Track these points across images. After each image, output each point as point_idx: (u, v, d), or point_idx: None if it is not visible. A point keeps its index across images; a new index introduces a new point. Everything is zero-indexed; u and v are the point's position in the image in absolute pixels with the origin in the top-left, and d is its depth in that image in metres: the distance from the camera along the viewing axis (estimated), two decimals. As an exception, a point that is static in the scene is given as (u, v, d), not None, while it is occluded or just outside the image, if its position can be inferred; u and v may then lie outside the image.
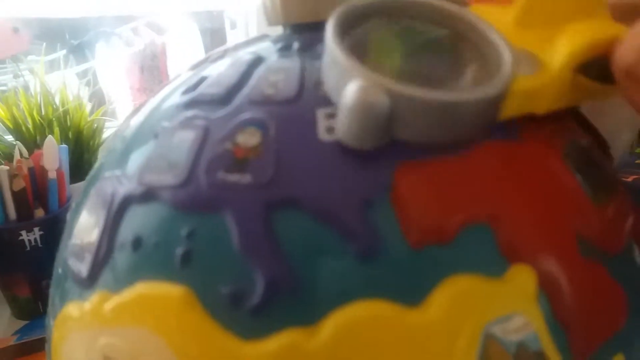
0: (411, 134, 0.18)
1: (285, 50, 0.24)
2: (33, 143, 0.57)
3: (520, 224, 0.18)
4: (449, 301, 0.17)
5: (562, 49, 0.19)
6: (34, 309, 0.54)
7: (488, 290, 0.17)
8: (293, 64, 0.22)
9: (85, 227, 0.22)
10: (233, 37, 0.92)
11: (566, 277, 0.18)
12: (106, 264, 0.20)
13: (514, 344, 0.17)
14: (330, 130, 0.19)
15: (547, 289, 0.18)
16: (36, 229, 0.52)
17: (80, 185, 0.58)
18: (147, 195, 0.20)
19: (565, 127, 0.22)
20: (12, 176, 0.51)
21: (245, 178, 0.19)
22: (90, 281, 0.20)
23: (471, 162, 0.19)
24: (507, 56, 0.18)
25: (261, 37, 0.27)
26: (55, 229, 0.53)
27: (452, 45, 0.20)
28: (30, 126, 0.58)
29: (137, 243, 0.19)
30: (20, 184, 0.52)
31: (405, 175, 0.18)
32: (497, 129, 0.19)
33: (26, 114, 0.58)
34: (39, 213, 0.53)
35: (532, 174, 0.20)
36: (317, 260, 0.17)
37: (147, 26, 0.91)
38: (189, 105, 0.22)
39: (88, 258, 0.21)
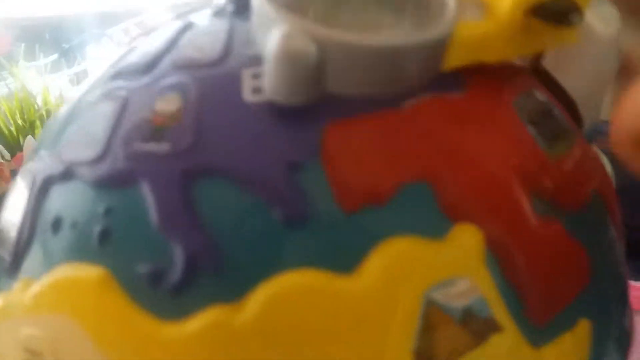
0: (345, 86, 0.17)
1: (217, 14, 0.22)
2: (16, 145, 0.57)
3: (463, 181, 0.17)
4: (384, 266, 0.15)
5: None
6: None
7: (427, 253, 0.16)
8: (222, 26, 0.20)
9: (9, 211, 0.21)
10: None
11: (518, 237, 0.17)
12: (29, 249, 0.19)
13: (459, 310, 0.16)
14: (256, 90, 0.17)
15: (497, 251, 0.16)
16: (20, 232, 0.51)
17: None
18: (67, 173, 0.19)
19: (519, 80, 0.20)
20: (-7, 179, 0.50)
21: (162, 147, 0.17)
22: (14, 268, 0.19)
23: (410, 117, 0.17)
24: (451, 3, 0.17)
25: (204, 7, 0.26)
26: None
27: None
28: (13, 128, 0.57)
29: (56, 224, 0.18)
30: (1, 187, 0.51)
31: (336, 133, 0.16)
32: (440, 81, 0.18)
33: (8, 116, 0.57)
34: (23, 215, 0.52)
35: (477, 127, 0.18)
36: (241, 232, 0.16)
37: (137, 26, 0.91)
38: (115, 76, 0.20)
39: (10, 243, 0.20)
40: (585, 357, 0.18)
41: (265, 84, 0.17)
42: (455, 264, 0.16)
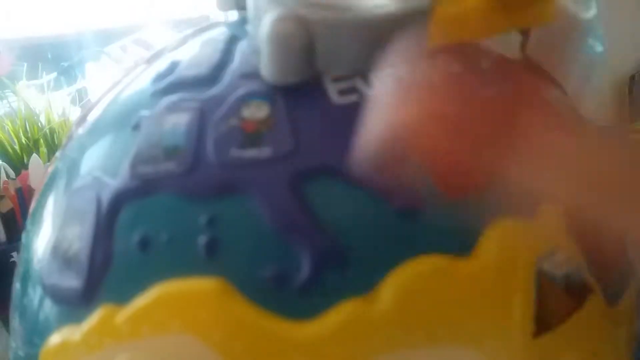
0: (337, 63, 0.18)
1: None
2: (21, 164, 0.57)
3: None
4: (498, 245, 0.17)
5: None
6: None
7: (529, 231, 0.17)
8: None
9: (64, 241, 0.19)
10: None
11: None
12: (106, 275, 0.18)
13: (562, 277, 0.17)
14: (342, 92, 0.18)
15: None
16: (27, 250, 0.51)
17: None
18: (146, 188, 0.18)
19: (537, 74, 0.22)
20: (-1, 198, 0.51)
21: (264, 152, 0.17)
22: (88, 298, 0.18)
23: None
24: None
25: (216, 24, 0.26)
26: (46, 248, 0.52)
27: None
28: (17, 147, 0.58)
29: (144, 243, 0.18)
30: (7, 205, 0.51)
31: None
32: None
33: (12, 135, 0.57)
34: (29, 234, 0.52)
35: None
36: (360, 226, 0.17)
37: (135, 43, 0.91)
38: (169, 90, 0.20)
39: (79, 273, 0.18)
40: (634, 313, 0.20)
41: (262, 68, 0.18)
42: (552, 238, 0.18)
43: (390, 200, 0.17)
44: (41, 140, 0.57)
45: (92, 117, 0.24)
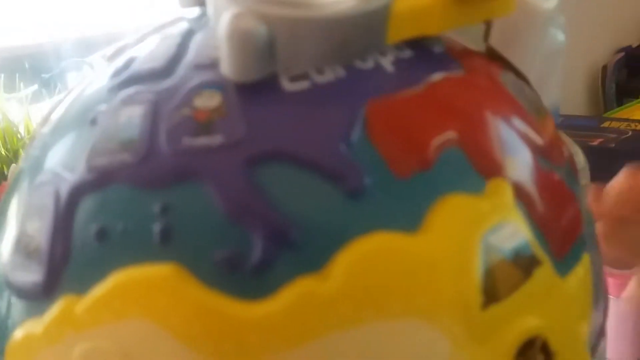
0: (297, 61, 0.18)
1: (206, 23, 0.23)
2: (0, 175, 0.57)
3: (486, 143, 0.19)
4: (447, 220, 0.17)
5: None
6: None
7: (476, 205, 0.18)
8: None
9: (25, 237, 0.20)
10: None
11: (534, 186, 0.19)
12: (66, 267, 0.18)
13: (510, 251, 0.18)
14: (293, 79, 0.19)
15: (522, 198, 0.19)
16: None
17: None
18: (102, 180, 0.18)
19: (492, 61, 0.23)
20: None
21: (216, 139, 0.18)
22: (48, 290, 0.18)
23: (432, 93, 0.19)
24: None
25: (178, 19, 0.27)
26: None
27: None
28: (-5, 158, 0.58)
29: (101, 234, 0.18)
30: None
31: (377, 110, 0.18)
32: (441, 66, 0.20)
33: (-9, 146, 0.57)
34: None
35: (487, 98, 0.20)
36: (309, 207, 0.17)
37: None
38: (125, 83, 0.21)
39: (39, 266, 0.19)
40: (590, 284, 0.21)
41: (221, 65, 0.18)
42: (500, 212, 0.18)
43: (339, 182, 0.17)
44: (20, 151, 0.57)
45: (54, 116, 0.24)
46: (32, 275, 0.19)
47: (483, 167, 0.19)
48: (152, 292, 0.17)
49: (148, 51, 0.22)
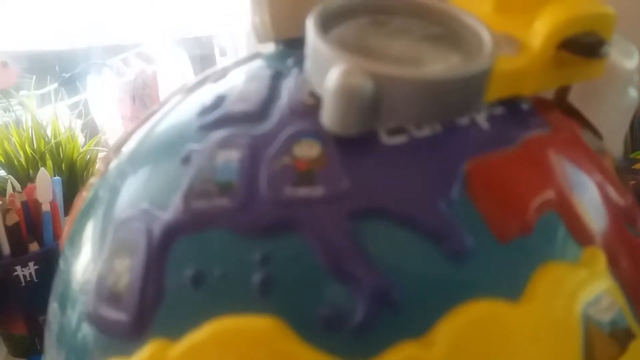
0: (398, 118, 0.18)
1: (302, 63, 0.23)
2: (26, 177, 0.57)
3: (582, 208, 0.19)
4: (549, 290, 0.17)
5: (541, 27, 0.19)
6: (31, 346, 0.52)
7: (576, 275, 0.18)
8: None
9: (112, 273, 0.19)
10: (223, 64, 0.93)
11: (624, 253, 0.19)
12: (157, 309, 0.18)
13: (607, 323, 0.18)
14: (392, 133, 0.19)
15: (614, 267, 0.19)
16: (31, 264, 0.50)
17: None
18: (199, 223, 0.18)
19: (572, 117, 0.23)
20: (5, 211, 0.50)
21: (317, 191, 0.18)
22: (138, 331, 0.18)
23: (527, 153, 0.19)
24: (487, 38, 0.19)
25: (255, 55, 0.27)
26: (50, 262, 0.52)
27: (432, 38, 0.20)
28: (22, 160, 0.57)
29: (197, 278, 0.18)
30: (13, 218, 0.50)
31: (476, 168, 0.18)
32: (532, 124, 0.20)
33: (18, 147, 0.57)
34: (34, 247, 0.51)
35: (577, 159, 0.20)
36: (412, 269, 0.17)
37: (137, 56, 0.92)
38: (217, 124, 0.21)
39: (129, 306, 0.18)
40: None
41: (323, 117, 0.18)
42: (597, 283, 0.18)
43: (440, 242, 0.17)
44: (47, 155, 0.57)
45: (131, 146, 0.24)
46: (120, 315, 0.19)
47: (579, 234, 0.19)
48: (251, 344, 0.17)
49: (237, 91, 0.22)
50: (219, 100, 0.22)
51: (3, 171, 0.58)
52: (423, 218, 0.17)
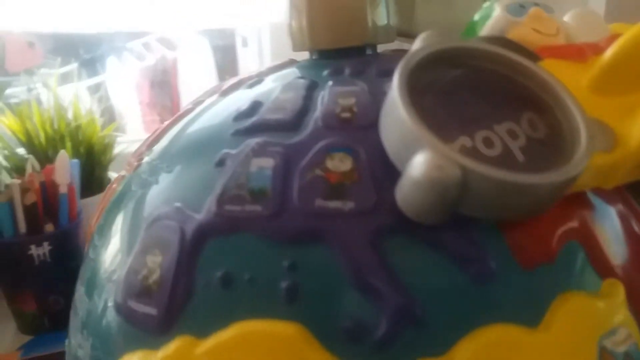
0: (478, 211, 0.17)
1: (337, 75, 0.23)
2: (44, 156, 0.57)
3: (604, 240, 0.19)
4: (567, 319, 0.17)
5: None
6: (40, 324, 0.53)
7: (594, 306, 0.18)
8: (360, 88, 0.22)
9: (143, 268, 0.20)
10: (244, 55, 0.93)
11: None
12: (186, 306, 0.19)
13: (621, 355, 0.18)
14: None
15: (631, 300, 0.19)
16: (45, 244, 0.51)
17: (91, 200, 0.58)
18: (231, 227, 0.19)
19: None
20: (24, 190, 0.51)
21: (347, 204, 0.18)
22: (166, 327, 0.19)
23: None
24: (584, 133, 0.18)
25: (290, 62, 0.27)
26: (64, 244, 0.52)
27: (505, 87, 0.20)
28: (42, 139, 0.58)
29: (227, 280, 0.18)
30: (31, 198, 0.51)
31: None
32: None
33: (38, 127, 0.58)
34: (49, 228, 0.52)
35: (600, 189, 0.20)
36: (436, 287, 0.17)
37: (158, 41, 0.92)
38: (252, 131, 0.21)
39: (159, 301, 0.19)
40: None
41: (401, 198, 0.17)
42: (615, 315, 0.18)
43: (466, 264, 0.17)
44: (66, 137, 0.58)
45: (165, 143, 0.24)
46: (149, 309, 0.19)
47: (600, 265, 0.19)
48: (275, 349, 0.17)
49: (273, 99, 0.23)
50: (255, 107, 0.22)
51: (22, 150, 0.59)
52: (450, 240, 0.18)
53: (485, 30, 0.23)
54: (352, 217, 0.18)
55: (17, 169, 0.57)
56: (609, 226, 0.20)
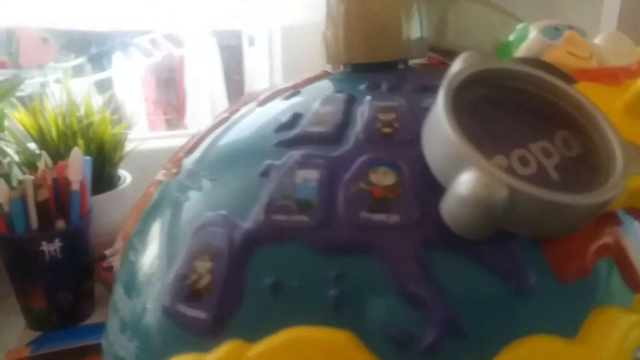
0: (520, 228, 0.18)
1: (374, 89, 0.24)
2: (56, 152, 0.57)
3: (633, 253, 0.20)
4: (602, 331, 0.18)
5: None
6: (49, 321, 0.53)
7: (628, 320, 0.19)
8: (399, 103, 0.23)
9: (193, 273, 0.20)
10: (250, 54, 0.94)
11: None
12: (237, 311, 0.19)
13: None
14: None
15: None
16: (57, 240, 0.51)
17: (102, 197, 0.58)
18: (279, 235, 0.19)
19: None
20: (37, 186, 0.51)
21: (392, 218, 0.19)
22: (216, 330, 0.19)
23: None
24: (619, 156, 0.19)
25: (324, 75, 0.28)
26: (75, 240, 0.53)
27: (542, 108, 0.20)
28: (54, 135, 0.58)
29: (276, 287, 0.19)
30: (44, 194, 0.51)
31: None
32: None
33: (50, 123, 0.58)
34: (60, 224, 0.52)
35: (630, 214, 0.21)
36: (479, 300, 0.18)
37: (165, 38, 0.92)
38: (295, 142, 0.22)
39: (210, 305, 0.20)
40: None
41: (447, 215, 0.18)
42: None
43: (507, 278, 0.18)
44: (78, 134, 0.58)
45: (204, 150, 0.25)
46: (199, 312, 0.20)
47: (632, 280, 0.20)
48: (326, 355, 0.18)
49: (313, 112, 0.23)
50: (296, 119, 0.23)
51: (32, 144, 0.59)
52: (493, 254, 0.18)
53: (520, 52, 0.24)
54: (397, 230, 0.19)
55: (28, 164, 0.57)
56: (637, 242, 0.21)
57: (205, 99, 0.97)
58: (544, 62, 0.23)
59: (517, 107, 0.20)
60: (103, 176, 0.60)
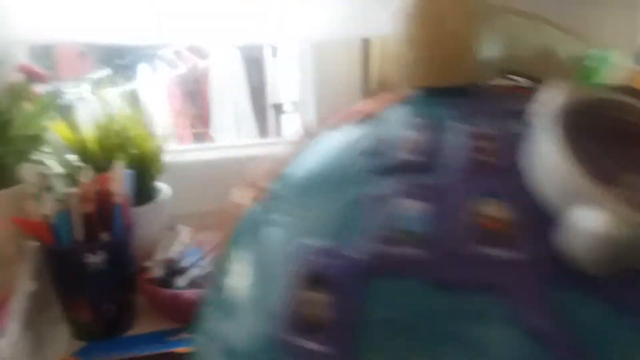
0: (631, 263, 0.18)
1: (457, 114, 0.24)
2: (96, 165, 0.58)
3: None
4: None
5: None
6: (93, 331, 0.54)
7: None
8: (491, 131, 0.23)
9: (309, 304, 0.20)
10: (273, 65, 0.94)
11: None
12: (358, 346, 0.19)
13: None
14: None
15: None
16: (101, 252, 0.52)
17: (142, 210, 0.59)
18: (394, 268, 0.19)
19: None
20: (82, 199, 0.52)
21: (511, 253, 0.19)
22: None
23: None
24: None
25: (396, 98, 0.28)
26: (118, 253, 0.54)
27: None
28: (95, 148, 0.59)
29: (397, 320, 0.19)
30: (89, 206, 0.52)
31: None
32: None
33: (90, 136, 0.59)
34: (104, 237, 0.53)
35: None
36: (607, 340, 0.18)
37: (189, 50, 0.93)
38: (388, 171, 0.22)
39: (329, 339, 0.19)
40: None
41: (568, 250, 0.18)
42: None
43: (635, 317, 0.18)
44: (118, 146, 0.59)
45: (290, 174, 0.25)
46: (318, 346, 0.20)
47: None
48: None
49: (397, 137, 0.24)
50: (379, 145, 0.23)
51: (71, 156, 0.60)
52: (619, 291, 0.18)
53: (608, 79, 0.24)
54: (519, 265, 0.19)
55: (69, 176, 0.58)
56: None
57: (229, 111, 0.98)
58: (637, 90, 0.23)
59: (616, 136, 0.21)
60: (142, 189, 0.61)
